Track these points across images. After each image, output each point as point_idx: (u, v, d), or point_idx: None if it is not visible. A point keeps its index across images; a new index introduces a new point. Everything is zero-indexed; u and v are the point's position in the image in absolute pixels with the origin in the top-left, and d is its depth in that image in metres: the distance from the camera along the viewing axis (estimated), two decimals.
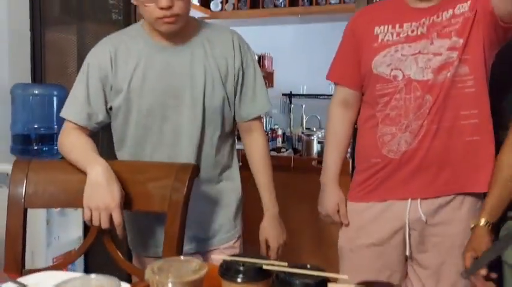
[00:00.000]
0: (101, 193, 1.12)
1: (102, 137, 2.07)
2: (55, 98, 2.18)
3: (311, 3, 3.59)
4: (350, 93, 1.41)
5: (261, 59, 3.96)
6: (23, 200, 1.17)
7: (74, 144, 1.25)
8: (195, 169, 1.20)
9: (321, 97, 3.95)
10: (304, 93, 4.13)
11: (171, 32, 1.23)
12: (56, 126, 2.19)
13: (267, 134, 3.13)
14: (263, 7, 3.73)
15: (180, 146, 1.30)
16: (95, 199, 1.11)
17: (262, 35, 4.02)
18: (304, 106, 3.43)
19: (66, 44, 2.42)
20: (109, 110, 1.32)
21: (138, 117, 1.29)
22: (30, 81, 2.39)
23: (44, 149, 2.16)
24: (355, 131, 1.49)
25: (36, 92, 2.17)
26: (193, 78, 1.28)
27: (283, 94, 4.17)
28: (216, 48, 1.31)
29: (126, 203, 1.16)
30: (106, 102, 1.30)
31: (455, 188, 1.28)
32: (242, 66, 1.34)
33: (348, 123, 1.44)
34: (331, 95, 1.51)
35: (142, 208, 1.20)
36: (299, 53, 4.11)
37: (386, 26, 1.30)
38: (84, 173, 1.17)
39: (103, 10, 2.34)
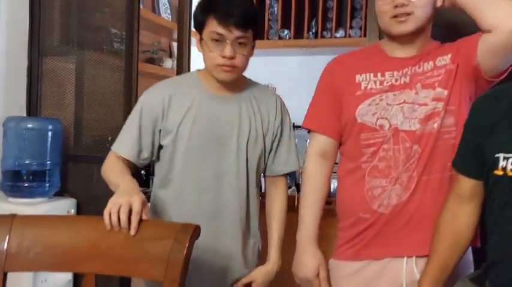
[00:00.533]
0: (124, 193, 1.17)
1: None
2: (49, 133, 2.09)
3: (316, 36, 3.55)
4: (328, 142, 1.36)
5: None
6: (3, 261, 1.05)
7: (115, 168, 1.37)
8: (196, 230, 1.10)
9: None
10: None
11: (226, 80, 1.34)
12: (48, 162, 2.09)
13: None
14: (268, 38, 3.70)
15: (223, 191, 1.38)
16: (118, 197, 1.15)
17: (265, 65, 3.94)
18: (308, 141, 3.37)
19: (65, 74, 2.35)
20: (157, 150, 1.41)
21: (183, 159, 1.37)
22: (25, 114, 2.30)
23: (35, 186, 2.05)
24: None
25: (30, 126, 2.08)
26: (240, 128, 1.38)
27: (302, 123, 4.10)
28: (261, 105, 1.43)
29: (120, 266, 1.06)
30: (153, 142, 1.40)
31: None
32: (281, 126, 1.46)
33: (327, 176, 1.38)
34: None
35: (137, 274, 1.08)
36: (303, 84, 4.02)
37: (368, 75, 1.28)
38: (75, 231, 1.11)
39: (105, 39, 2.28)
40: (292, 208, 2.63)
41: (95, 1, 2.30)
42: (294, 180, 3.18)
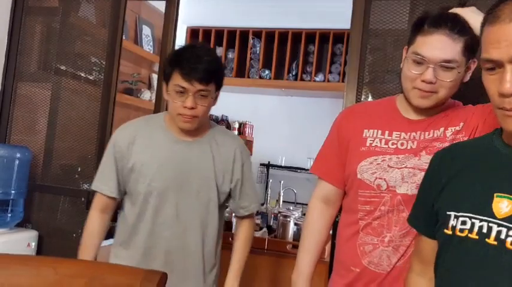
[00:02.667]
0: None
1: None
2: (17, 161, 2.01)
3: (296, 78, 3.62)
4: (332, 189, 1.35)
5: (241, 127, 3.91)
6: None
7: (89, 241, 1.54)
8: (163, 278, 1.05)
9: (299, 171, 3.88)
10: (283, 164, 4.06)
11: (187, 128, 1.44)
12: (13, 192, 2.00)
13: None
14: (248, 77, 3.75)
15: (184, 230, 1.47)
16: None
17: (244, 103, 4.00)
18: (282, 182, 3.36)
19: (39, 100, 2.30)
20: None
21: (149, 200, 1.45)
22: None
23: None
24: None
25: None
26: (201, 171, 1.47)
27: (261, 164, 4.09)
28: (221, 149, 1.51)
29: None
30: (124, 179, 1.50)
31: None
32: (242, 169, 1.54)
33: (328, 222, 1.38)
34: (308, 170, 1.45)
35: None
36: (280, 124, 4.09)
37: (375, 131, 1.27)
38: (35, 272, 1.04)
39: (84, 68, 2.26)
40: (262, 250, 2.62)
41: (77, 29, 2.29)
42: (265, 222, 3.15)
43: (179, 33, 3.82)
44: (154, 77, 3.42)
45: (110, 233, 2.34)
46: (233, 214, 2.89)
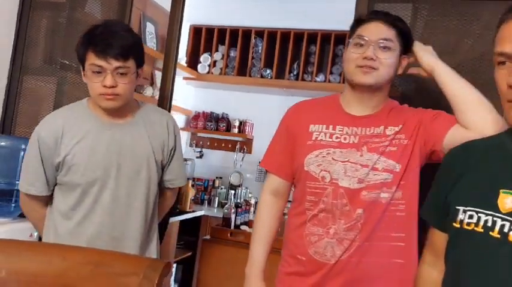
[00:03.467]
0: None
1: None
2: (22, 152, 2.03)
3: (297, 78, 3.66)
4: (281, 182, 1.42)
5: (242, 125, 3.94)
6: None
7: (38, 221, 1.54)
8: (168, 267, 1.09)
9: None
10: None
11: (110, 108, 1.40)
12: (17, 182, 2.02)
13: (241, 206, 3.03)
14: (250, 76, 3.79)
15: (128, 212, 1.46)
16: None
17: (245, 101, 4.03)
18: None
19: (44, 93, 2.32)
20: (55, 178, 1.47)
21: (83, 187, 1.42)
22: None
23: (0, 206, 1.98)
24: None
25: (3, 143, 2.03)
26: (135, 152, 1.46)
27: (260, 162, 4.14)
28: (154, 126, 1.51)
29: None
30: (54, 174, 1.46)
31: None
32: (174, 144, 1.56)
33: (277, 214, 1.45)
34: None
35: None
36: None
37: (320, 126, 1.35)
38: (42, 259, 1.07)
39: None
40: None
41: (83, 25, 2.32)
42: None
43: (183, 31, 3.87)
44: (157, 73, 3.46)
45: None
46: (232, 209, 2.94)
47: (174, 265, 3.28)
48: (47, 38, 2.33)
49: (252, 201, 3.48)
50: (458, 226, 0.99)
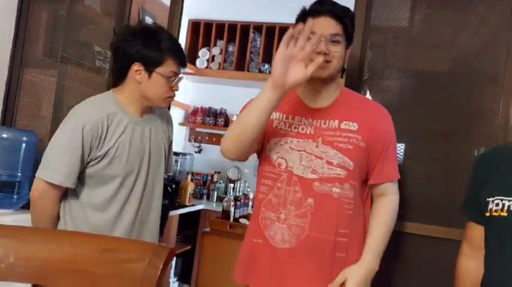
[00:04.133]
0: None
1: None
2: (23, 144, 2.05)
3: None
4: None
5: None
6: None
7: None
8: (172, 253, 1.11)
9: None
10: None
11: (166, 107, 1.68)
12: (19, 174, 2.04)
13: (240, 199, 3.05)
14: (248, 71, 3.80)
15: (151, 196, 1.60)
16: None
17: (243, 96, 4.02)
18: None
19: (44, 86, 2.33)
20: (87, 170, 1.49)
21: (122, 178, 1.51)
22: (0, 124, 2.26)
23: (2, 197, 2.00)
24: None
25: (4, 135, 2.04)
26: (158, 145, 1.63)
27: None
28: (164, 124, 1.68)
29: (93, 283, 1.05)
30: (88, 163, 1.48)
31: None
32: (172, 136, 1.75)
33: None
34: None
35: None
36: None
37: (281, 114, 1.41)
38: (50, 245, 1.07)
39: (87, 56, 2.29)
40: None
41: (82, 18, 2.33)
42: None
43: (181, 26, 3.88)
44: None
45: None
46: (231, 203, 2.95)
47: (174, 259, 3.30)
48: (47, 31, 2.34)
49: (251, 195, 3.50)
50: (488, 214, 1.14)
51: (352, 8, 1.92)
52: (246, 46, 3.82)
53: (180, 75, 1.55)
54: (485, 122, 1.73)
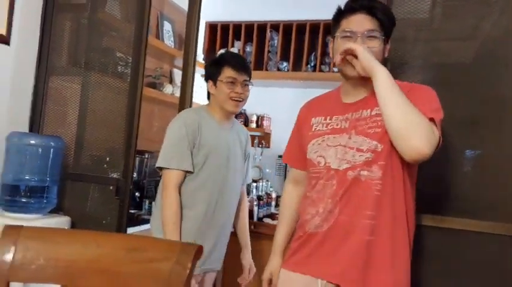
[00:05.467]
0: None
1: None
2: (51, 150, 2.11)
3: (314, 70, 3.65)
4: (298, 173, 1.61)
5: (259, 120, 3.97)
6: (7, 271, 1.07)
7: (176, 219, 1.81)
8: (199, 251, 1.12)
9: None
10: None
11: (235, 111, 1.92)
12: (48, 179, 2.10)
13: (263, 199, 3.06)
14: (266, 70, 3.80)
15: (228, 193, 1.94)
16: None
17: (262, 96, 4.04)
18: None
19: (69, 93, 2.40)
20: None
21: (210, 176, 1.86)
22: (27, 130, 2.33)
23: (32, 202, 2.06)
24: None
25: (33, 141, 2.10)
26: (236, 150, 1.98)
27: (279, 156, 4.15)
28: (240, 134, 2.04)
29: (121, 283, 1.07)
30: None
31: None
32: (249, 153, 2.12)
33: (295, 198, 1.63)
34: None
35: None
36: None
37: (320, 118, 1.48)
38: (78, 246, 1.12)
39: (110, 62, 2.35)
40: None
41: (104, 25, 2.38)
42: None
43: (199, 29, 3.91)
44: (175, 71, 3.51)
45: (133, 221, 2.44)
46: (254, 202, 2.97)
47: None
48: (71, 39, 2.41)
49: (273, 195, 3.51)
50: None
51: None
52: (264, 45, 3.82)
53: (244, 80, 1.87)
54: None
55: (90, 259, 1.12)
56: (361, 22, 1.36)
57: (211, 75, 1.89)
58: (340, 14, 1.41)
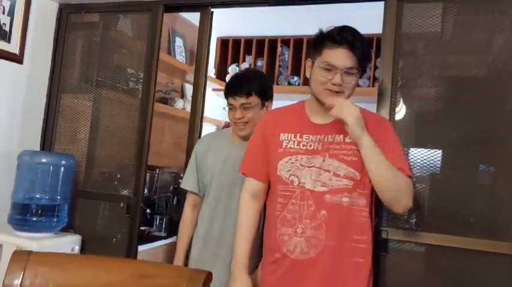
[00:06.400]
0: None
1: None
2: (62, 168, 2.10)
3: None
4: (258, 185, 1.57)
5: None
6: None
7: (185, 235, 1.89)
8: (208, 277, 1.10)
9: None
10: None
11: (241, 135, 1.82)
12: (59, 197, 2.10)
13: None
14: (277, 84, 3.79)
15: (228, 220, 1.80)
16: None
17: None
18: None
19: (81, 110, 2.41)
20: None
21: (215, 192, 1.82)
22: (38, 148, 2.34)
23: (43, 221, 2.05)
24: None
25: (44, 160, 2.10)
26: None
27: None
28: None
29: None
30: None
31: None
32: None
33: (256, 214, 1.59)
34: None
35: None
36: None
37: (289, 134, 1.50)
38: (87, 272, 1.11)
39: (121, 79, 2.35)
40: None
41: (116, 42, 2.40)
42: None
43: (210, 45, 3.92)
44: (187, 86, 3.52)
45: (144, 238, 2.41)
46: None
47: None
48: (83, 57, 2.42)
49: None
50: None
51: (377, 16, 1.90)
52: (275, 60, 3.82)
53: (242, 104, 1.78)
54: None
55: (100, 285, 1.10)
56: (342, 58, 1.41)
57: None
58: (323, 42, 1.45)
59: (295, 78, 3.71)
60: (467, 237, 1.65)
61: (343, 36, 1.42)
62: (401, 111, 1.86)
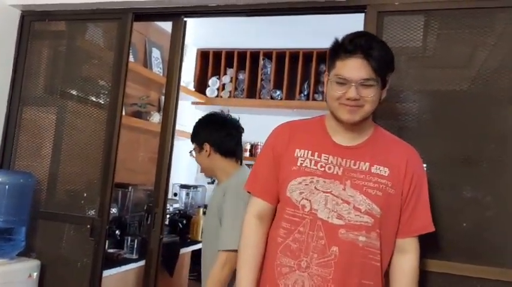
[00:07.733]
0: None
1: None
2: (19, 188, 1.94)
3: (308, 99, 3.54)
4: (265, 206, 1.37)
5: (253, 148, 3.82)
6: None
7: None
8: None
9: None
10: None
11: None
12: (14, 220, 1.93)
13: None
14: (260, 98, 3.69)
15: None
16: None
17: (256, 124, 3.90)
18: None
19: (44, 124, 2.26)
20: None
21: None
22: None
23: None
24: None
25: (0, 179, 1.93)
26: (211, 212, 1.86)
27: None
28: (220, 195, 1.81)
29: None
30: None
31: None
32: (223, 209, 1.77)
33: (262, 237, 1.37)
34: None
35: None
36: None
37: (306, 151, 1.31)
38: None
39: (91, 91, 2.21)
40: None
41: (84, 52, 2.26)
42: None
43: (190, 56, 3.80)
44: (164, 99, 3.38)
45: (112, 262, 2.24)
46: None
47: None
48: (47, 67, 2.28)
49: None
50: None
51: (361, 29, 1.80)
52: (257, 73, 3.72)
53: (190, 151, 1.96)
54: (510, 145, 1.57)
55: None
56: (356, 69, 1.23)
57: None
58: (336, 52, 1.28)
59: (278, 92, 3.61)
60: (448, 261, 1.56)
61: (356, 43, 1.24)
62: (382, 126, 1.76)
